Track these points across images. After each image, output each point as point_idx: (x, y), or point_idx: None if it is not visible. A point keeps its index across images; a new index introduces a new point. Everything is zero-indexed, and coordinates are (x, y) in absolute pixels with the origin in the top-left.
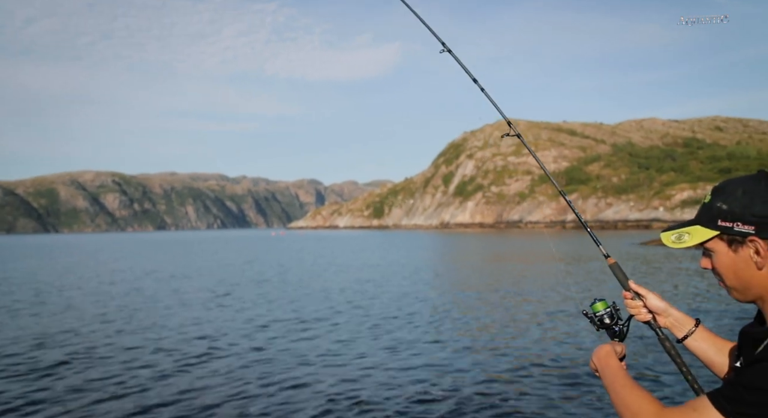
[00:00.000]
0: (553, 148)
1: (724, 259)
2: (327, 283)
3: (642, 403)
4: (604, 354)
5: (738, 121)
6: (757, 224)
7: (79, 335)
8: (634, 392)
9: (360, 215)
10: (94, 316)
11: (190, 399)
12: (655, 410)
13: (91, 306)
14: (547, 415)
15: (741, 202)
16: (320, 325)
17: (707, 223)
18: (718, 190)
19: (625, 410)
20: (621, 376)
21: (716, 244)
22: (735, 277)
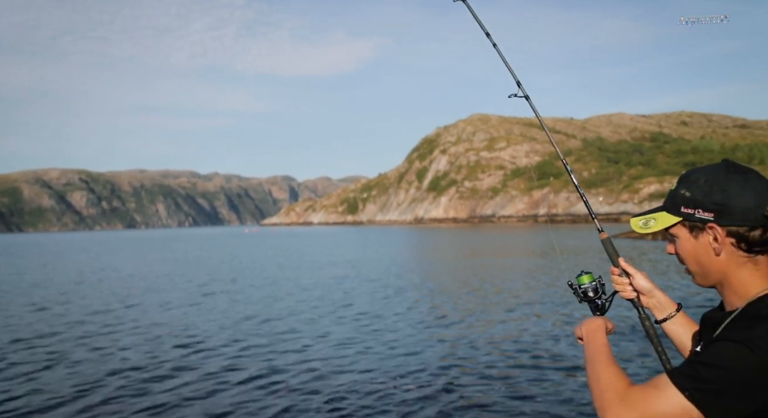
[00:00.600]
0: (525, 143)
1: (686, 244)
2: (302, 279)
3: (613, 380)
4: (594, 328)
5: (702, 116)
6: (716, 211)
7: (44, 337)
8: (609, 369)
9: (334, 211)
10: (58, 317)
11: (161, 398)
12: (623, 387)
13: (58, 307)
14: (520, 405)
15: (702, 190)
16: (296, 321)
17: (671, 209)
18: (683, 179)
19: (596, 383)
20: (603, 352)
21: (679, 230)
22: (696, 262)
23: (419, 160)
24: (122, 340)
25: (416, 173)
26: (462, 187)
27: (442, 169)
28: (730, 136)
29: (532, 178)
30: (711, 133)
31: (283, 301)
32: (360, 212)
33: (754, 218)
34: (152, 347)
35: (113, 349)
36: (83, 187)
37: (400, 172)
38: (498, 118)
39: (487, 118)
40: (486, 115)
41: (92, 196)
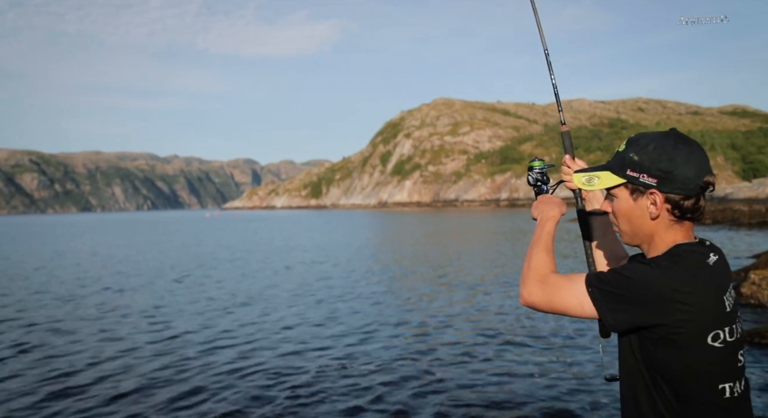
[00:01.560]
0: (488, 127)
1: (624, 205)
2: (270, 263)
3: (540, 264)
4: (548, 217)
5: (657, 103)
6: (660, 178)
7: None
8: (542, 255)
9: (297, 194)
10: (28, 302)
11: (127, 384)
12: (546, 272)
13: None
14: (497, 382)
15: (650, 156)
16: (262, 307)
17: (617, 170)
18: (632, 142)
19: (528, 262)
20: (545, 240)
21: (621, 191)
22: (628, 222)
23: (383, 144)
24: (90, 327)
25: (380, 157)
26: (426, 172)
27: (406, 153)
28: (684, 123)
29: (495, 162)
30: (666, 119)
31: (250, 285)
32: (324, 195)
33: (692, 187)
34: (120, 333)
35: (81, 337)
36: (34, 168)
37: (364, 156)
38: (462, 102)
39: (450, 102)
40: (450, 100)
41: (44, 179)
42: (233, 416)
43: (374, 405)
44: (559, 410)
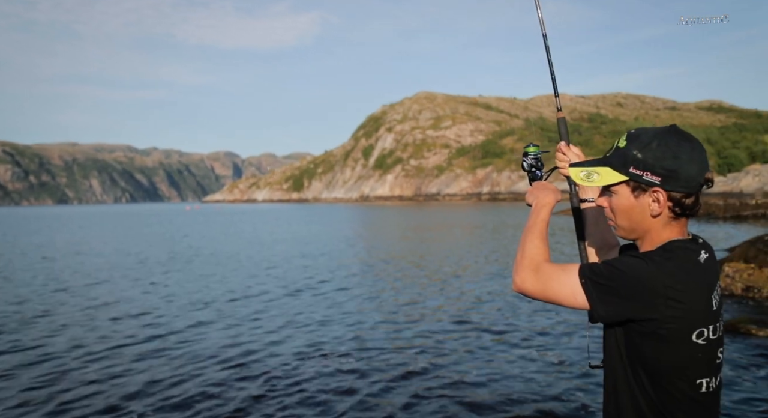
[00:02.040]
0: (470, 122)
1: (624, 202)
2: (248, 257)
3: (535, 252)
4: (543, 203)
5: (636, 98)
6: (664, 176)
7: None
8: (536, 242)
9: (279, 188)
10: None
11: (109, 381)
12: (540, 260)
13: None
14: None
15: (654, 154)
16: (245, 300)
17: (619, 167)
18: (633, 138)
19: (522, 249)
20: (539, 227)
21: (621, 188)
22: (628, 218)
23: (365, 138)
24: (75, 322)
25: (362, 151)
26: (408, 166)
27: (388, 147)
28: (661, 118)
29: (476, 157)
30: (644, 114)
31: (234, 279)
32: (305, 189)
33: (694, 185)
34: (106, 330)
35: (65, 331)
36: (8, 159)
37: (346, 150)
38: (444, 96)
39: (432, 96)
40: (432, 94)
41: (18, 170)
42: (234, 415)
43: (352, 397)
44: (543, 396)
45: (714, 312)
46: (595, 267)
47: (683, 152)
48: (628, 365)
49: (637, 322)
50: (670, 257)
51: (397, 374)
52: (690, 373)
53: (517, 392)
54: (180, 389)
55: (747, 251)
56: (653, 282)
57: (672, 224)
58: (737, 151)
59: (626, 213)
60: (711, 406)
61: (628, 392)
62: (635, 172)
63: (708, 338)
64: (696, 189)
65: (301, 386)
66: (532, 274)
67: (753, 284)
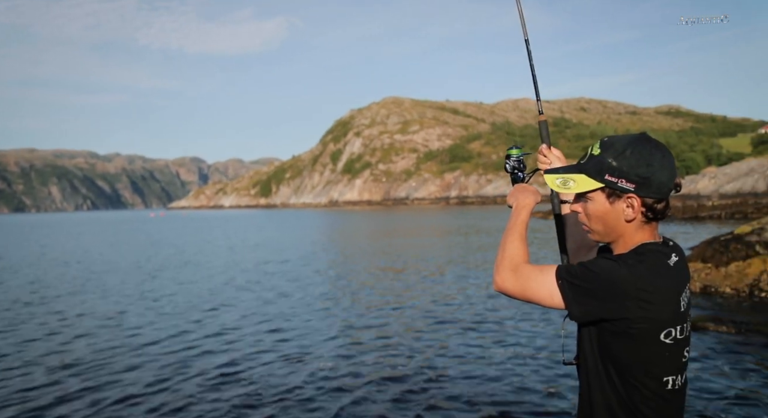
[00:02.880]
0: (438, 126)
1: (599, 208)
2: (214, 266)
3: (515, 252)
4: (523, 205)
5: (599, 103)
6: (638, 183)
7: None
8: (516, 243)
9: (246, 193)
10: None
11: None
12: (519, 261)
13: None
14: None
15: (629, 162)
16: (213, 309)
17: (594, 174)
18: (607, 146)
19: (502, 250)
20: (519, 229)
21: (596, 194)
22: (602, 223)
23: (333, 143)
24: (55, 332)
25: (330, 156)
26: (376, 170)
27: (356, 151)
28: (623, 122)
29: (444, 161)
30: (606, 118)
31: (210, 287)
32: (273, 194)
33: (665, 191)
34: (79, 342)
35: (47, 343)
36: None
37: (314, 155)
38: (411, 101)
39: (400, 101)
40: (399, 98)
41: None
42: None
43: (339, 399)
44: (522, 392)
45: (682, 313)
46: (571, 269)
47: (655, 160)
48: (600, 362)
49: (609, 321)
50: (642, 259)
51: (380, 374)
52: (657, 371)
53: (495, 388)
54: (166, 397)
55: (704, 251)
56: (625, 284)
57: (644, 227)
58: (694, 154)
59: (601, 218)
60: (677, 402)
61: (599, 389)
62: (611, 179)
63: (675, 337)
64: (667, 194)
65: (286, 389)
66: (511, 274)
67: (710, 283)
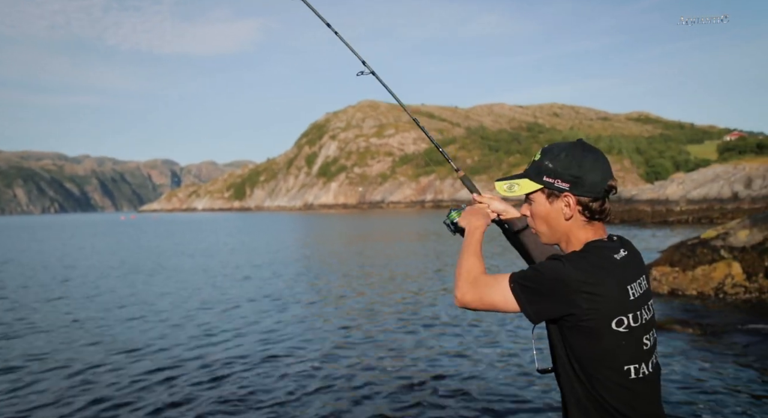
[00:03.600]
0: (413, 130)
1: (541, 208)
2: (186, 270)
3: (471, 267)
4: (475, 227)
5: (571, 109)
6: (572, 182)
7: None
8: (471, 259)
9: (220, 196)
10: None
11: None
12: (476, 274)
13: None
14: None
15: (563, 163)
16: (184, 313)
17: (534, 177)
18: (546, 151)
19: (459, 267)
20: (474, 246)
21: (538, 195)
22: (546, 223)
23: (309, 146)
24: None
25: (306, 159)
26: (352, 174)
27: (332, 155)
28: (595, 128)
29: (419, 165)
30: (579, 124)
31: (188, 291)
32: (248, 197)
33: (598, 190)
34: (65, 347)
35: (20, 346)
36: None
37: (289, 158)
38: (387, 104)
39: (376, 104)
40: (375, 102)
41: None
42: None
43: (319, 397)
44: (499, 398)
45: (633, 301)
46: (522, 272)
47: (587, 162)
48: (567, 360)
49: (563, 318)
50: (585, 256)
51: (361, 374)
52: (616, 360)
53: (475, 389)
54: (153, 396)
55: (672, 256)
56: (569, 280)
57: (587, 227)
58: (663, 160)
59: (544, 218)
60: (645, 392)
61: (570, 387)
62: (548, 180)
63: (629, 325)
64: (601, 194)
65: (269, 390)
66: (469, 286)
67: (678, 286)
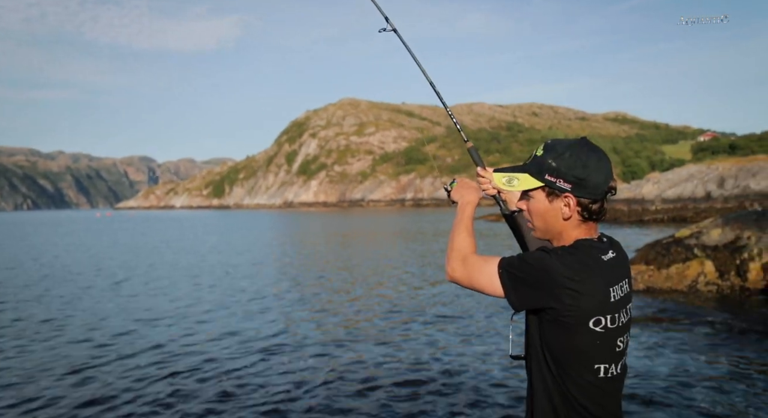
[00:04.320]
0: (393, 128)
1: (540, 205)
2: (162, 269)
3: (463, 244)
4: (467, 202)
5: (550, 108)
6: (575, 183)
7: None
8: (462, 236)
9: (198, 194)
10: None
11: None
12: (467, 252)
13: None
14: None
15: (567, 163)
16: (162, 314)
17: (536, 174)
18: (550, 148)
19: (451, 243)
20: (465, 223)
21: (537, 192)
22: (543, 221)
23: (288, 144)
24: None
25: (285, 157)
26: (332, 172)
27: (311, 152)
28: (573, 128)
29: (400, 163)
30: (557, 124)
31: (171, 291)
32: (226, 195)
33: (600, 192)
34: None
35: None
36: None
37: (269, 155)
38: (367, 103)
39: (356, 102)
40: (356, 100)
41: None
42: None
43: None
44: (482, 383)
45: (613, 303)
46: (511, 259)
47: (591, 163)
48: (540, 350)
49: (544, 310)
50: (573, 252)
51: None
52: (588, 358)
53: (454, 377)
54: (148, 392)
55: (647, 254)
56: (554, 273)
57: (581, 226)
58: (639, 160)
59: (542, 216)
60: (611, 391)
61: (541, 377)
62: (550, 179)
63: (606, 326)
64: (602, 196)
65: (261, 385)
66: (460, 264)
67: (653, 284)
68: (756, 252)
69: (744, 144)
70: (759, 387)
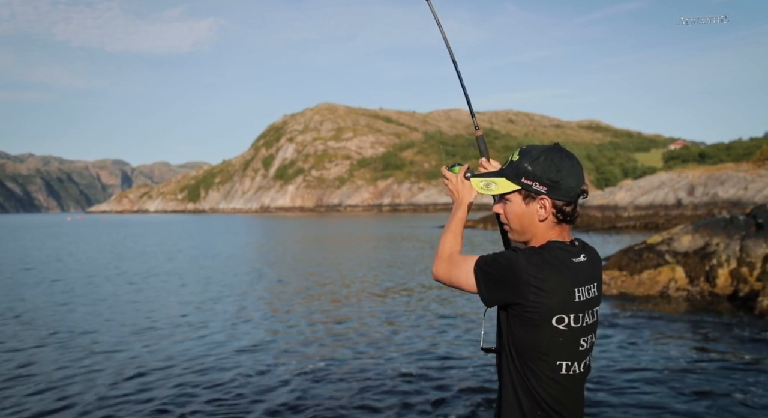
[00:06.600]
0: (371, 134)
1: (516, 208)
2: (129, 274)
3: (449, 244)
4: (464, 198)
5: (526, 115)
6: (549, 186)
7: None
8: (451, 236)
9: (173, 198)
10: None
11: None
12: (452, 252)
13: None
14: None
15: (542, 167)
16: (129, 320)
17: (512, 177)
18: (525, 153)
19: (441, 243)
20: (456, 224)
21: (514, 196)
22: (519, 223)
23: (266, 148)
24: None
25: (262, 161)
26: (309, 176)
27: (289, 157)
28: (548, 135)
29: (377, 168)
30: (533, 131)
31: (148, 298)
32: (202, 199)
33: (573, 195)
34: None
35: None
36: None
37: (245, 159)
38: (345, 108)
39: (334, 107)
40: (333, 105)
41: None
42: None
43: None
44: (458, 375)
45: (578, 304)
46: (486, 257)
47: (565, 167)
48: (507, 345)
49: (511, 306)
50: (540, 252)
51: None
52: (550, 354)
53: (447, 379)
54: (146, 396)
55: (620, 260)
56: (520, 271)
57: (555, 228)
58: (612, 167)
59: (518, 218)
60: (572, 389)
61: (507, 370)
62: (526, 182)
63: (569, 325)
64: (575, 198)
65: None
66: (443, 263)
67: (625, 289)
68: (724, 258)
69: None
70: (716, 383)
